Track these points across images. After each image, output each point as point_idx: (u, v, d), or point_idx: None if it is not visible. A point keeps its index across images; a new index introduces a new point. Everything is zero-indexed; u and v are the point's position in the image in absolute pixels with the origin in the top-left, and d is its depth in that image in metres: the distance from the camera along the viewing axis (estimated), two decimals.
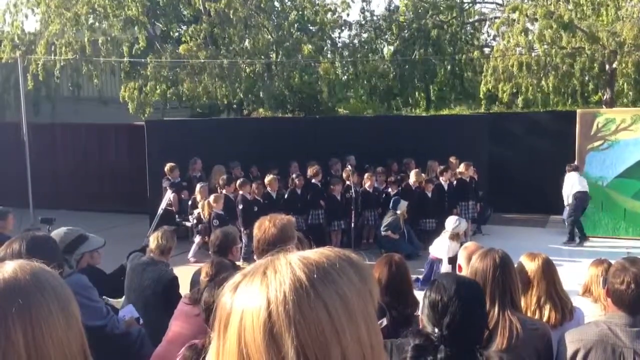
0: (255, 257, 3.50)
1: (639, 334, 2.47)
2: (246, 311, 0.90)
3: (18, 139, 12.33)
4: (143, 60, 16.52)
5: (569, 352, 2.56)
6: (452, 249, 8.05)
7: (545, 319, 3.05)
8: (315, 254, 0.96)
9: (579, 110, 11.70)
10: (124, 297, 4.97)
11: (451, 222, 8.21)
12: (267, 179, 10.46)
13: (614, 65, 15.24)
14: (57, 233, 4.12)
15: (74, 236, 4.14)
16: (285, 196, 10.62)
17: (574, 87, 16.70)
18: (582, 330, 2.64)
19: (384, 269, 3.27)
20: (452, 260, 8.38)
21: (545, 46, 14.98)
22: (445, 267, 7.87)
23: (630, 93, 16.22)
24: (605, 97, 16.35)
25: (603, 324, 2.55)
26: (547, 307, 3.09)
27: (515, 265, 2.92)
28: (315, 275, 0.91)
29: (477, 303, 2.22)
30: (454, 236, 8.01)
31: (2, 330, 1.03)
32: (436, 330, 2.10)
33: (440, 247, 8.15)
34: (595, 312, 3.49)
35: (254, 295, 0.91)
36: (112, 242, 4.77)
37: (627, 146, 10.77)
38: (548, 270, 3.18)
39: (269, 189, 10.39)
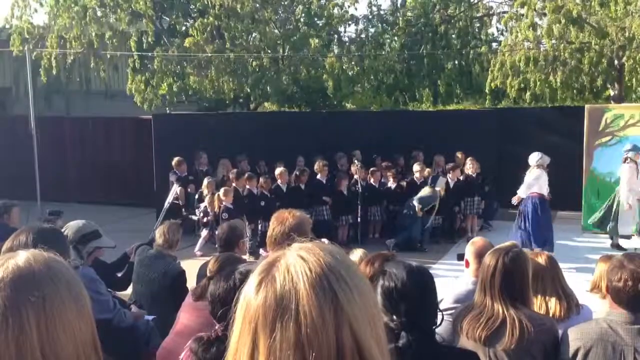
0: (267, 248, 3.50)
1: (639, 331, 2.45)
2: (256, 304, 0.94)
3: (27, 132, 12.39)
4: (150, 54, 16.53)
5: (571, 350, 2.55)
6: (543, 178, 8.83)
7: (551, 312, 3.05)
8: (324, 250, 0.99)
9: (587, 106, 11.61)
10: (131, 290, 5.01)
11: (534, 156, 8.91)
12: (278, 170, 10.43)
13: (623, 61, 15.13)
14: (76, 223, 4.25)
15: (90, 229, 4.24)
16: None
17: (582, 82, 16.57)
18: (583, 328, 2.62)
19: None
20: (541, 196, 8.93)
21: (554, 41, 14.88)
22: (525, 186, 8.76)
23: (639, 89, 16.09)
24: (613, 92, 16.23)
25: (603, 322, 2.54)
26: (553, 301, 3.10)
27: None
28: (323, 270, 0.94)
29: (429, 287, 2.23)
30: (540, 166, 8.84)
31: (17, 322, 1.04)
32: (394, 317, 2.10)
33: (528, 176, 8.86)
34: (603, 309, 3.47)
35: (267, 290, 0.95)
36: (118, 236, 4.80)
37: (636, 142, 10.69)
38: (552, 266, 3.22)
39: (279, 181, 10.37)
